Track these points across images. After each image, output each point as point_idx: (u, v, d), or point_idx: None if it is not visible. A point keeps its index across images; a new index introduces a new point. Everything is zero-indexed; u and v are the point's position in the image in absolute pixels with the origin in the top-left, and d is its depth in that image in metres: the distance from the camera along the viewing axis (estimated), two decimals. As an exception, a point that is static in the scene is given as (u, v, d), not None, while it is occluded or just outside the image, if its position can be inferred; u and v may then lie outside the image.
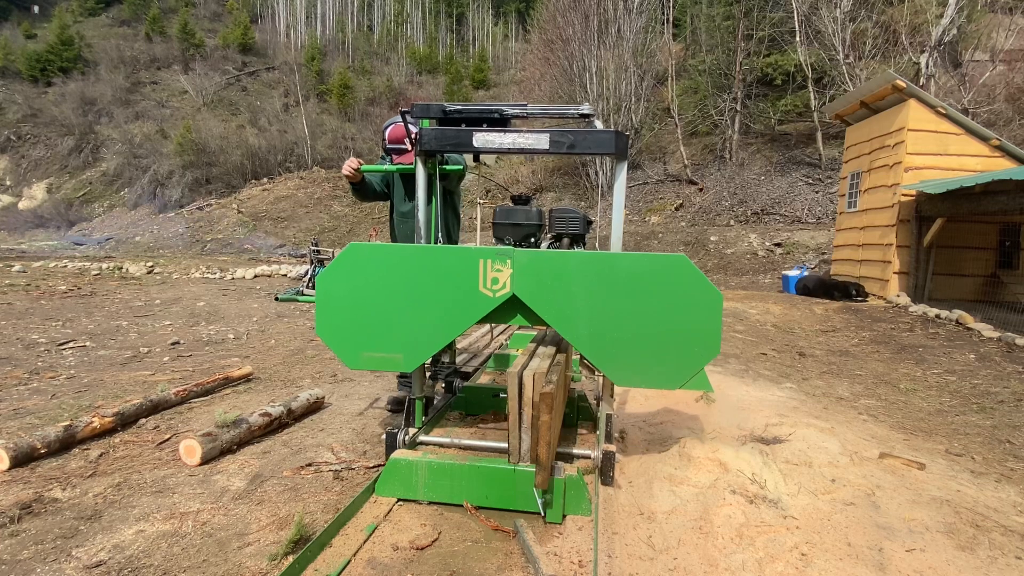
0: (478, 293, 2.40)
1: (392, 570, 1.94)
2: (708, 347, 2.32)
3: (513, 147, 2.58)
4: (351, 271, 2.47)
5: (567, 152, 2.57)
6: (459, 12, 50.43)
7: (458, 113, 2.69)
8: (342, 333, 2.49)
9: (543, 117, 2.84)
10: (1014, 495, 2.73)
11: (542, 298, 2.38)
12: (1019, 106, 15.95)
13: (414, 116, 2.77)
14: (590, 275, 2.33)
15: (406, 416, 2.86)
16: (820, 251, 14.89)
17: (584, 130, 2.56)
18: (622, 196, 2.61)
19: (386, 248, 2.49)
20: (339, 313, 2.48)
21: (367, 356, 2.48)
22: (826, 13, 17.68)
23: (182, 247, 23.68)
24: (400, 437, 2.62)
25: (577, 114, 2.68)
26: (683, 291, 2.28)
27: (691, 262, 2.28)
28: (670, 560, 2.03)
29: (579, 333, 2.38)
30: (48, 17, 42.96)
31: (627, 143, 2.53)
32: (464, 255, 2.42)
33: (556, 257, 2.38)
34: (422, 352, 2.47)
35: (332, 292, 2.49)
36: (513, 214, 2.92)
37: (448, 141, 2.62)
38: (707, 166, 21.49)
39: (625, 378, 2.40)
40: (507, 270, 2.38)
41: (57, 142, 34.06)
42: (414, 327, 2.44)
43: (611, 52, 21.12)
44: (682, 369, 2.33)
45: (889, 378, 5.07)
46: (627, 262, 2.33)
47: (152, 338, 6.06)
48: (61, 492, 2.49)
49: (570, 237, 2.97)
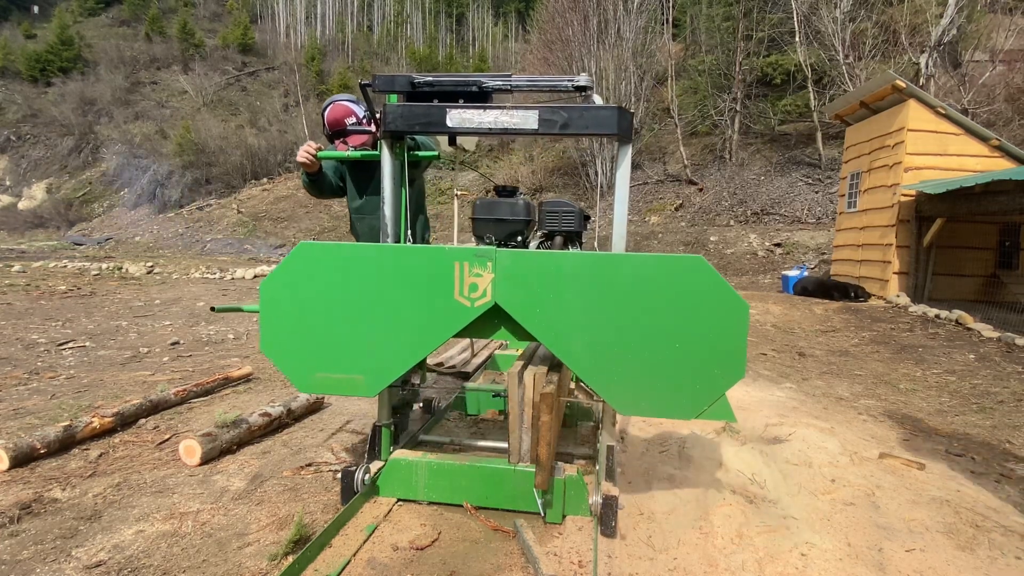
0: (453, 302, 2.05)
1: (392, 570, 1.94)
2: (731, 368, 1.95)
3: (495, 127, 2.13)
4: (302, 275, 2.10)
5: (560, 133, 2.11)
6: (459, 12, 50.40)
7: (429, 86, 2.24)
8: (291, 350, 2.13)
9: (531, 91, 2.37)
10: (1014, 495, 2.73)
11: (530, 308, 2.03)
12: (1019, 106, 15.95)
13: (377, 89, 2.33)
14: (588, 280, 1.98)
15: (370, 447, 2.47)
16: (820, 251, 14.89)
17: (581, 106, 2.13)
18: (626, 186, 2.20)
19: (343, 248, 2.11)
20: (287, 326, 2.12)
21: (321, 377, 2.12)
22: (826, 13, 17.68)
23: (182, 247, 23.69)
24: (359, 476, 2.23)
25: (572, 86, 2.22)
26: (701, 300, 1.92)
27: (710, 265, 1.92)
28: (670, 560, 2.03)
29: (574, 351, 2.02)
30: (48, 17, 42.96)
31: (632, 122, 2.12)
32: (436, 256, 2.06)
33: (547, 259, 2.03)
34: (387, 373, 2.12)
35: (279, 301, 2.12)
36: (496, 208, 2.51)
37: (417, 120, 2.19)
38: (707, 166, 21.48)
39: (630, 405, 2.04)
40: (488, 274, 2.03)
41: (57, 142, 34.07)
42: (377, 343, 2.09)
43: (611, 52, 21.11)
44: (699, 395, 1.97)
45: (889, 378, 5.07)
46: (632, 265, 1.97)
47: (152, 338, 6.05)
48: (61, 492, 2.48)
49: (564, 235, 2.60)
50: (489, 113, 2.14)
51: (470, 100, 2.22)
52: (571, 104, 2.14)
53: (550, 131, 2.12)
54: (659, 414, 2.06)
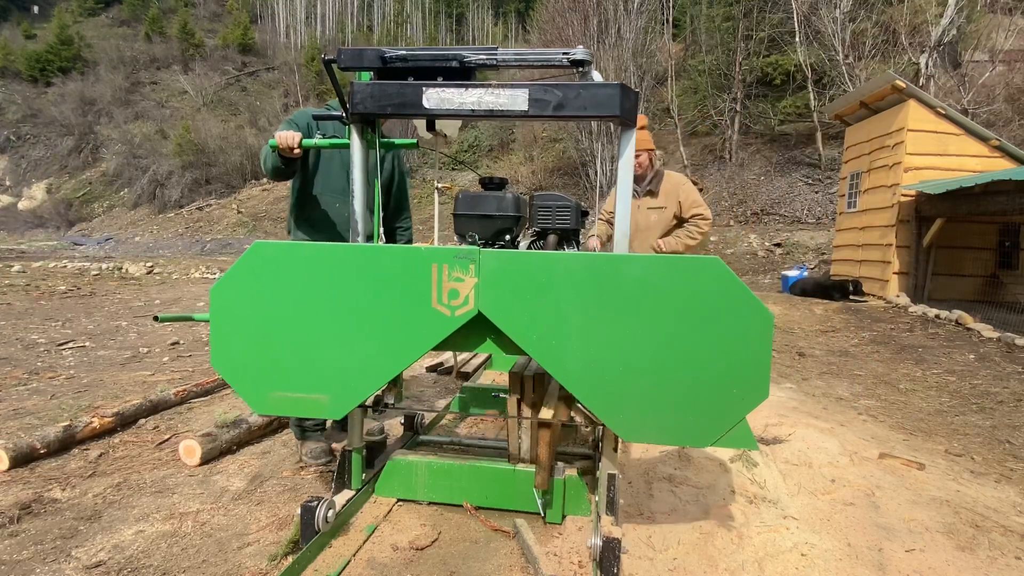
0: (430, 311, 1.79)
1: (392, 570, 1.94)
2: (753, 388, 1.69)
3: (479, 108, 1.86)
4: (257, 279, 1.84)
5: (553, 116, 1.83)
6: (459, 12, 50.43)
7: (402, 61, 1.94)
8: (245, 365, 1.86)
9: (520, 67, 2.08)
10: (1014, 495, 2.73)
11: (518, 318, 1.76)
12: (1019, 106, 15.96)
13: (343, 66, 2.00)
14: (586, 285, 1.72)
15: (337, 474, 2.22)
16: (820, 251, 14.90)
17: (578, 83, 1.85)
18: (629, 177, 1.90)
19: (303, 248, 1.85)
20: (241, 337, 1.85)
21: (278, 397, 1.86)
22: (826, 13, 17.69)
23: (182, 247, 23.69)
24: (320, 512, 1.90)
25: (567, 61, 1.90)
26: (718, 308, 1.66)
27: (729, 269, 1.67)
28: (670, 560, 2.03)
29: (570, 368, 1.75)
30: (48, 17, 42.99)
31: (637, 102, 1.86)
32: (410, 257, 1.80)
33: (538, 261, 1.76)
34: (354, 393, 1.85)
35: (231, 308, 1.85)
36: (481, 202, 2.21)
37: (389, 101, 1.91)
38: (707, 166, 21.49)
39: (634, 430, 1.77)
40: (470, 279, 1.77)
41: (57, 142, 34.10)
42: (343, 358, 1.83)
43: (611, 52, 21.11)
44: (716, 419, 1.71)
45: (889, 378, 5.07)
46: (639, 267, 1.71)
47: (152, 338, 6.05)
48: (61, 492, 2.48)
49: (558, 233, 2.31)
50: (472, 92, 1.86)
51: (450, 77, 1.93)
52: (567, 83, 1.85)
53: (542, 113, 1.83)
54: (669, 441, 1.80)
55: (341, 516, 2.10)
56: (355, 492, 2.22)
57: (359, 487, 2.25)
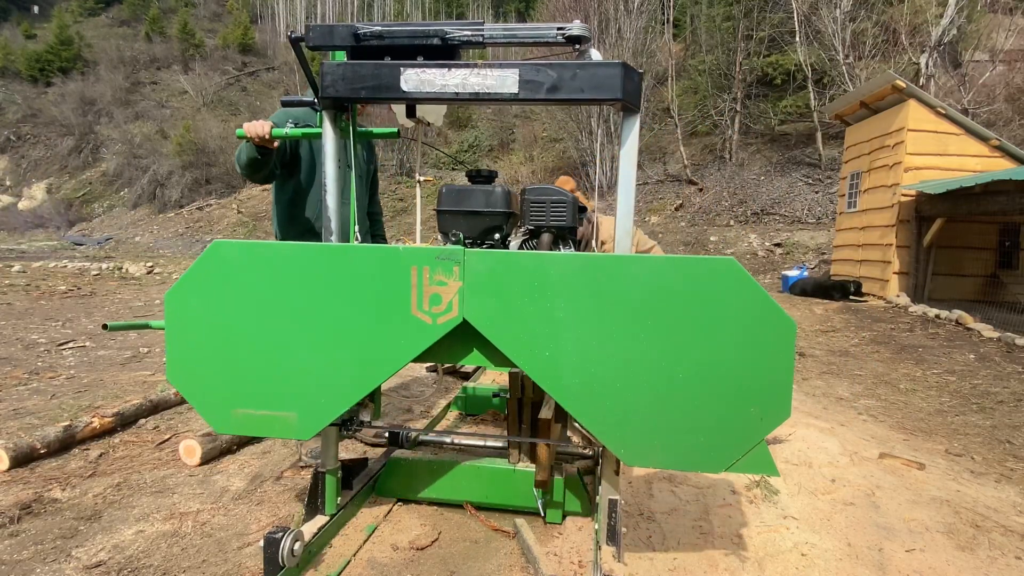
0: (410, 319, 1.60)
1: (392, 570, 1.94)
2: (774, 406, 1.49)
3: (463, 91, 1.65)
4: (216, 284, 1.65)
5: (547, 99, 1.62)
6: (459, 12, 50.44)
7: (378, 38, 1.73)
8: (204, 379, 1.68)
9: (509, 44, 1.82)
10: (1014, 495, 2.73)
11: (508, 327, 1.57)
12: (1019, 106, 15.96)
13: (311, 44, 1.81)
14: (584, 290, 1.53)
15: (309, 498, 2.04)
16: (820, 251, 14.90)
17: (575, 63, 1.63)
18: (632, 169, 1.69)
19: (268, 248, 1.66)
20: (199, 349, 1.67)
21: (241, 415, 1.68)
22: (826, 13, 17.69)
23: (182, 247, 23.68)
24: (286, 543, 1.67)
25: (562, 37, 1.68)
26: (734, 315, 1.47)
27: (746, 272, 1.47)
28: (670, 560, 2.03)
29: (565, 383, 1.55)
30: (48, 17, 42.98)
31: (641, 84, 1.65)
32: (387, 258, 1.61)
33: (530, 262, 1.57)
34: (325, 410, 1.67)
35: (188, 315, 1.67)
36: (467, 197, 1.99)
37: (363, 84, 1.70)
38: (707, 166, 21.49)
39: (638, 453, 1.57)
40: (454, 282, 1.58)
41: (57, 142, 34.09)
42: (313, 372, 1.65)
43: (611, 52, 21.11)
44: (731, 441, 1.52)
45: (889, 378, 5.07)
46: (644, 269, 1.50)
47: (152, 338, 6.05)
48: (61, 492, 2.48)
49: (554, 232, 2.09)
50: (455, 73, 1.64)
51: (432, 56, 1.72)
52: (563, 62, 1.64)
53: (534, 96, 1.63)
54: (677, 466, 1.59)
55: (311, 547, 1.85)
56: (328, 519, 2.00)
57: (333, 512, 2.03)
